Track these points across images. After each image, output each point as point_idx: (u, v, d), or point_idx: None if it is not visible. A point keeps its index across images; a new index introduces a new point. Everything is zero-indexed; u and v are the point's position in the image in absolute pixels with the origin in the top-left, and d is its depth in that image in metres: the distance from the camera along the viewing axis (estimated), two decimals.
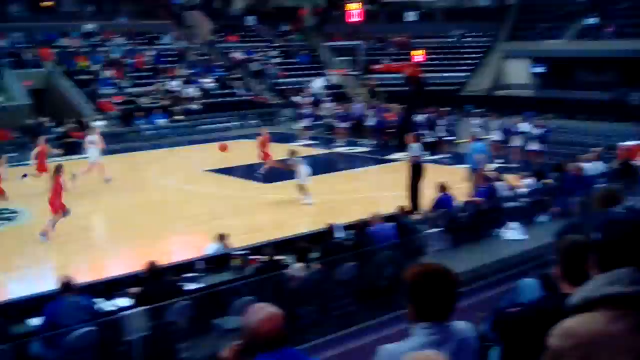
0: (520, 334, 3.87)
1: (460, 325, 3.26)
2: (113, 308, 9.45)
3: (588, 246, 2.69)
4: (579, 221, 6.73)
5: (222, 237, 12.31)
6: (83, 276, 11.02)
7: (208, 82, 36.38)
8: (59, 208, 14.91)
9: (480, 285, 8.92)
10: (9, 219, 17.00)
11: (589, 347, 2.27)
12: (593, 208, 6.44)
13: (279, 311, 3.38)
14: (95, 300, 9.28)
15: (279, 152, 20.72)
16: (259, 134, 22.51)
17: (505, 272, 9.80)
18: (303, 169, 17.70)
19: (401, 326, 3.17)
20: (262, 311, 3.36)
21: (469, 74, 40.80)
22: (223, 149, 23.32)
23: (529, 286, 5.11)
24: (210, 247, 12.35)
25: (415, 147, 16.74)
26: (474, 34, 43.36)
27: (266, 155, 21.04)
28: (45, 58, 33.71)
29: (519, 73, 39.67)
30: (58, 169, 15.46)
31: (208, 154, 26.49)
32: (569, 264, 3.48)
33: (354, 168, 23.65)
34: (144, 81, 34.97)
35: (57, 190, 14.97)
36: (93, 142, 20.86)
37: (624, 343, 2.26)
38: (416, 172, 16.35)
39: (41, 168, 19.34)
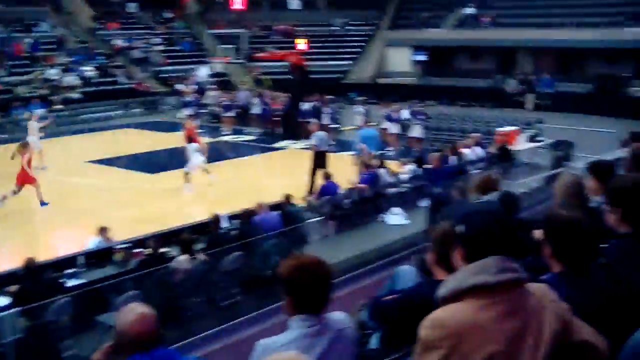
0: (397, 321, 3.96)
1: (337, 316, 3.30)
2: None
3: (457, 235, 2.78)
4: (453, 208, 6.91)
5: (103, 231, 12.02)
6: None
7: (88, 70, 35.16)
8: (32, 179, 16.15)
9: (362, 271, 9.03)
10: None
11: (458, 337, 2.35)
12: (471, 194, 6.66)
13: (151, 311, 3.33)
14: None
15: (165, 140, 20.42)
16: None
17: (387, 258, 9.95)
18: (195, 158, 17.54)
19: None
20: (133, 312, 3.31)
21: (352, 62, 41.32)
22: None
23: (406, 273, 5.23)
24: (91, 241, 12.03)
25: (318, 136, 16.95)
26: (356, 22, 43.82)
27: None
28: None
29: (401, 61, 40.38)
30: (24, 145, 16.62)
31: (89, 145, 25.78)
32: (442, 252, 3.58)
33: (240, 156, 23.49)
34: (21, 70, 33.47)
35: (27, 165, 16.12)
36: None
37: (492, 331, 2.35)
38: (319, 160, 16.54)
39: None
